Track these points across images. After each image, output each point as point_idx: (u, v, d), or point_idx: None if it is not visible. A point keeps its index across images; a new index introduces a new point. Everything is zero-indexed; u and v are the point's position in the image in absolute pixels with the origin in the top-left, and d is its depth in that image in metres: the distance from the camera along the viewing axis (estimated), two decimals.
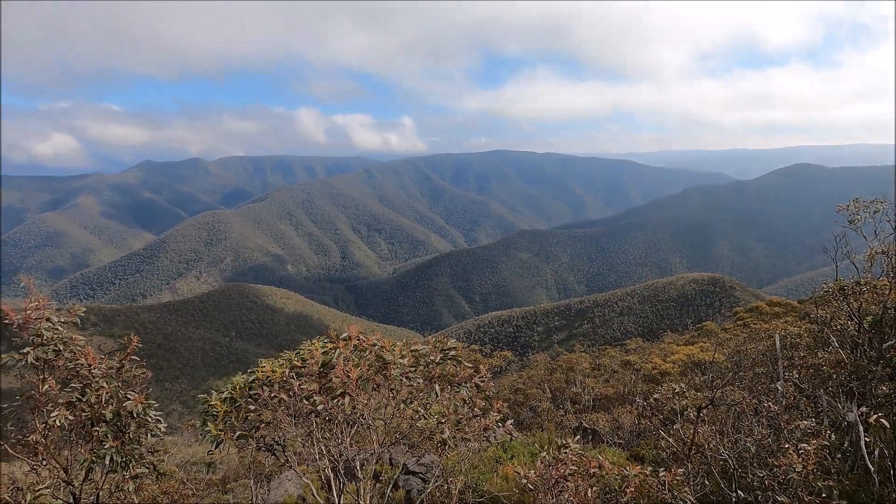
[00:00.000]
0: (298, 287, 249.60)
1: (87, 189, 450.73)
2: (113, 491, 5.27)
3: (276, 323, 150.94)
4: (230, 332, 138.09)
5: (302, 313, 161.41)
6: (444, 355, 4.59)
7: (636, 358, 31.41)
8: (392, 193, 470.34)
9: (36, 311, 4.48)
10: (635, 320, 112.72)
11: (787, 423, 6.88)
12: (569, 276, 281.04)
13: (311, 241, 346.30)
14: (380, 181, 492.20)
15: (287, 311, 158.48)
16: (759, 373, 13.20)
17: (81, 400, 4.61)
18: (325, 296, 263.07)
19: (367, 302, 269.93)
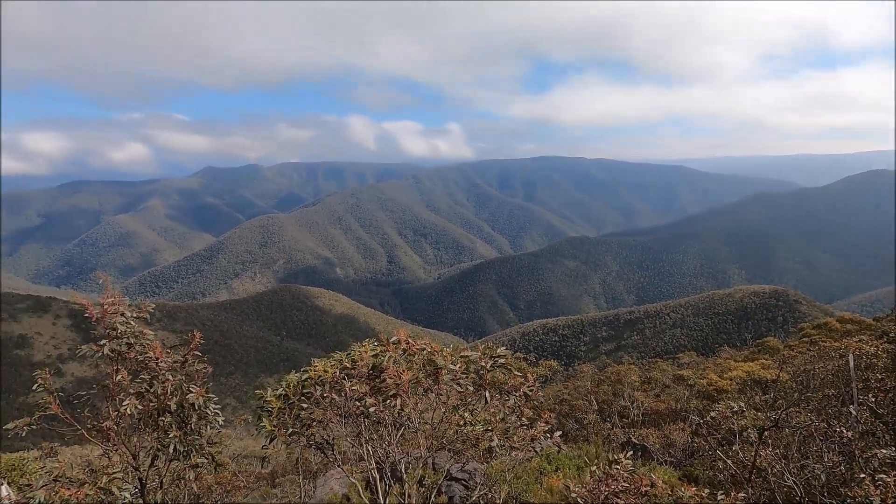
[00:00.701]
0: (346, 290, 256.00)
1: (155, 193, 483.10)
2: (175, 478, 5.58)
3: (324, 324, 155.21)
4: (281, 332, 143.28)
5: (349, 315, 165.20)
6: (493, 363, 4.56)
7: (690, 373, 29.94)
8: (439, 199, 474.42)
9: (112, 306, 4.83)
10: (689, 333, 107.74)
11: (862, 450, 6.33)
12: (618, 285, 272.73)
13: (360, 245, 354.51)
14: (427, 187, 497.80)
15: (335, 312, 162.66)
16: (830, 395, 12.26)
17: (149, 391, 4.92)
18: (372, 299, 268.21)
19: (412, 306, 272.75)
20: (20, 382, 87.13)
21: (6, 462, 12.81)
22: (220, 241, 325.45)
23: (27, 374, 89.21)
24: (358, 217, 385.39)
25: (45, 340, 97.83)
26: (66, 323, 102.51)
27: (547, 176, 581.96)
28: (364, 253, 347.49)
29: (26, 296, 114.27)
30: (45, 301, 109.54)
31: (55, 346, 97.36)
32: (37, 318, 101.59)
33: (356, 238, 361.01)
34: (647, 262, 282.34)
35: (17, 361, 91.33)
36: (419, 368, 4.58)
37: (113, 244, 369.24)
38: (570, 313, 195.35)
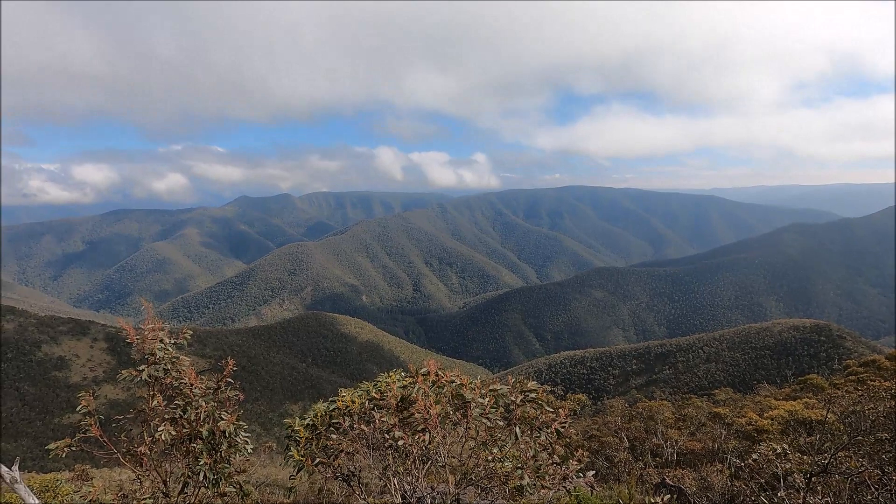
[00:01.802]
0: (372, 317, 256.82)
1: (191, 221, 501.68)
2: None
3: (349, 351, 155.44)
4: (307, 359, 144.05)
5: (374, 343, 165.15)
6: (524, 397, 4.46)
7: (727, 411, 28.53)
8: (464, 228, 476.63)
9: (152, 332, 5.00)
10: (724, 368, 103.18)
11: None
12: (648, 316, 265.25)
13: (386, 273, 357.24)
14: (453, 216, 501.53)
15: (360, 340, 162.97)
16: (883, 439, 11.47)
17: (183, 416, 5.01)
18: (397, 327, 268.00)
19: (437, 335, 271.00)
20: (57, 403, 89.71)
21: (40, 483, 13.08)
22: (251, 268, 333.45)
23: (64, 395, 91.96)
24: (384, 245, 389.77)
25: (83, 363, 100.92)
26: (102, 346, 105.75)
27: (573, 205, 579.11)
28: (390, 281, 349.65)
29: (67, 319, 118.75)
30: (84, 324, 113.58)
31: (91, 368, 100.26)
32: (76, 341, 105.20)
33: (382, 266, 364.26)
34: (677, 293, 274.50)
35: (55, 383, 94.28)
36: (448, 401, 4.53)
37: (150, 270, 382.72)
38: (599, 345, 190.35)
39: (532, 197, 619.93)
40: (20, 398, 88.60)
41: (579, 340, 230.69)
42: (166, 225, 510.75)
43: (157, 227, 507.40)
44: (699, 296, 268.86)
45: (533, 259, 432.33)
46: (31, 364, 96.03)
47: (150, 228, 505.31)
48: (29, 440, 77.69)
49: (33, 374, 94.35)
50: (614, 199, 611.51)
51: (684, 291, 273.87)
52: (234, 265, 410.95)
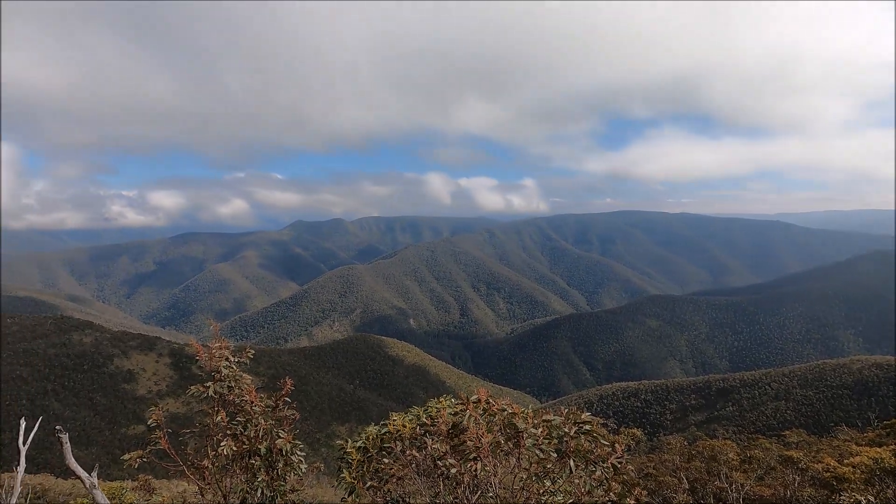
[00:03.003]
0: (418, 341, 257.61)
1: (251, 244, 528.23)
2: None
3: (396, 374, 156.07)
4: (354, 380, 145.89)
5: (420, 367, 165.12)
6: (578, 429, 4.34)
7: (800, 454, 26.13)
8: (512, 253, 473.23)
9: (219, 350, 5.31)
10: (795, 407, 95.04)
11: None
12: (707, 348, 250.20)
13: (433, 297, 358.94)
14: (500, 241, 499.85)
15: (406, 363, 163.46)
16: None
17: (243, 433, 5.24)
18: (443, 351, 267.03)
19: (484, 360, 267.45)
20: (124, 414, 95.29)
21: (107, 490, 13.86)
22: (304, 290, 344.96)
23: (131, 406, 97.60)
24: (432, 269, 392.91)
25: (149, 376, 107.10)
26: (166, 361, 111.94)
27: (626, 231, 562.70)
28: (437, 305, 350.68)
29: (137, 335, 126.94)
30: (151, 340, 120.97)
31: (156, 382, 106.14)
32: (143, 356, 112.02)
33: (430, 290, 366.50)
34: (740, 324, 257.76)
35: (123, 395, 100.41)
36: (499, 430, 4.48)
37: (212, 290, 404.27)
38: (653, 376, 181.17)
39: (582, 222, 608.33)
40: (92, 408, 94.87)
41: (632, 371, 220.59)
42: (228, 247, 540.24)
43: (219, 250, 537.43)
44: (765, 328, 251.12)
45: (583, 285, 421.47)
46: (103, 376, 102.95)
47: (213, 251, 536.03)
48: (98, 448, 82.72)
49: (105, 385, 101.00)
50: (669, 224, 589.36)
51: (748, 322, 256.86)
52: (288, 286, 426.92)
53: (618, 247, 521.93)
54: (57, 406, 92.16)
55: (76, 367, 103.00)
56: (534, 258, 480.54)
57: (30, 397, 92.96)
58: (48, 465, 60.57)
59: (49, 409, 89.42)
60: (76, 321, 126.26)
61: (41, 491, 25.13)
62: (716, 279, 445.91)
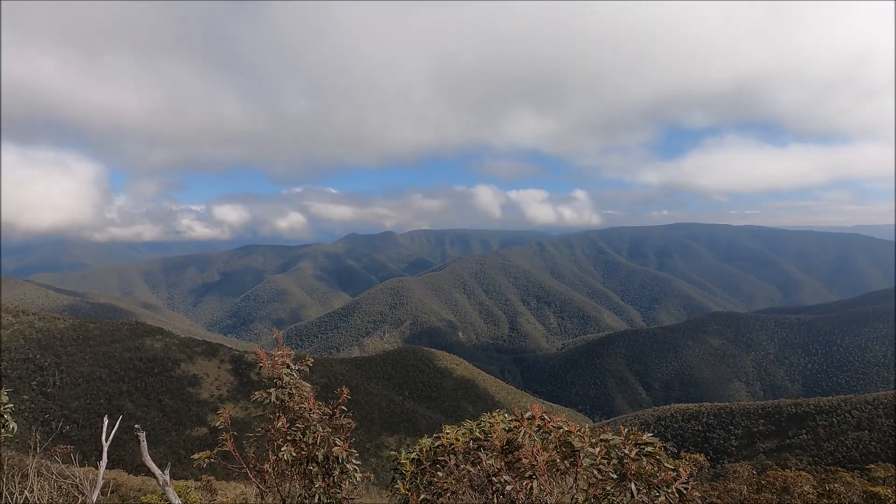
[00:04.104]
0: (467, 354, 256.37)
1: (306, 256, 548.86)
2: None
3: (444, 387, 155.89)
4: (403, 392, 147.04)
5: (468, 380, 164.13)
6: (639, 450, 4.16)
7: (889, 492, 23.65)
8: (563, 266, 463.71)
9: (281, 358, 5.55)
10: (881, 438, 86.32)
11: None
12: (777, 370, 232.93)
13: (482, 310, 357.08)
14: (551, 254, 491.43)
15: (455, 376, 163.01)
16: None
17: (302, 439, 5.43)
18: (492, 365, 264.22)
19: (533, 376, 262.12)
20: (189, 416, 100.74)
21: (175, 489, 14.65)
22: (355, 301, 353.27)
23: (194, 409, 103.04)
24: (481, 282, 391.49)
25: (211, 381, 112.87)
26: (227, 367, 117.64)
27: (684, 244, 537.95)
28: (486, 318, 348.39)
29: (201, 341, 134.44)
30: (214, 346, 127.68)
31: (217, 387, 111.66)
32: (207, 361, 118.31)
33: (479, 303, 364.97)
34: (815, 345, 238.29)
35: (188, 398, 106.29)
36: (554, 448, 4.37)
37: (270, 300, 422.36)
38: (716, 399, 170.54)
39: (637, 235, 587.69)
40: (161, 409, 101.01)
41: (692, 392, 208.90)
42: (285, 259, 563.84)
43: (277, 261, 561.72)
44: (844, 349, 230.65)
45: (638, 301, 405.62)
46: (171, 379, 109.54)
47: (272, 262, 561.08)
48: (164, 448, 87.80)
49: (172, 388, 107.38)
50: (733, 237, 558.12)
51: (824, 343, 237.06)
52: (341, 297, 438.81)
53: (675, 261, 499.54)
54: (130, 406, 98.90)
55: (147, 371, 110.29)
56: (586, 272, 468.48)
57: (107, 397, 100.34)
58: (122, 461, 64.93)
59: (123, 408, 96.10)
60: (148, 327, 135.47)
61: (115, 486, 26.96)
62: (786, 296, 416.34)
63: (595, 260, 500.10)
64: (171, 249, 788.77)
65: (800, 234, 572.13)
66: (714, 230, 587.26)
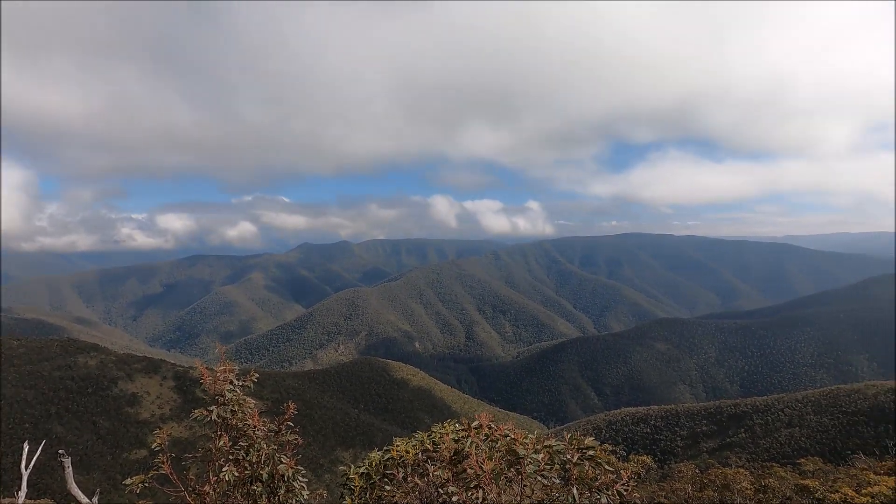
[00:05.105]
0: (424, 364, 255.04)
1: (257, 266, 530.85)
2: None
3: (401, 399, 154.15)
4: (359, 405, 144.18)
5: (425, 391, 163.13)
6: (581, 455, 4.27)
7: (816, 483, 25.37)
8: (518, 276, 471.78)
9: (224, 373, 5.32)
10: (810, 434, 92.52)
11: None
12: (717, 372, 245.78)
13: (439, 319, 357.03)
14: (506, 263, 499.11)
15: (411, 387, 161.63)
16: None
17: (245, 458, 5.21)
18: (449, 375, 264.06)
19: (490, 384, 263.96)
20: (127, 438, 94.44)
21: None
22: (309, 312, 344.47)
23: (133, 430, 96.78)
24: (438, 292, 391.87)
25: (152, 400, 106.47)
26: (170, 384, 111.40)
27: (633, 253, 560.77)
28: (442, 328, 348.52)
29: (142, 357, 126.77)
30: (156, 363, 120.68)
31: (159, 405, 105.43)
32: (148, 379, 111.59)
33: (435, 313, 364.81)
34: (751, 348, 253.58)
35: (126, 418, 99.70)
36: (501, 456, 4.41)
37: (217, 312, 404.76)
38: (663, 401, 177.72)
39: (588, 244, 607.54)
40: (95, 432, 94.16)
41: (641, 396, 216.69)
42: (235, 270, 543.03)
43: (226, 272, 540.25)
44: (777, 351, 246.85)
45: (590, 308, 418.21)
46: (107, 399, 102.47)
47: (220, 273, 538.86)
48: (99, 473, 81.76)
49: (108, 409, 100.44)
50: (677, 246, 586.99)
51: (759, 346, 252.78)
52: (294, 309, 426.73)
53: (625, 269, 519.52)
54: (60, 430, 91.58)
55: (80, 391, 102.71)
56: (540, 281, 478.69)
57: (33, 421, 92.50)
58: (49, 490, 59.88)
59: (52, 432, 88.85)
60: (82, 343, 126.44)
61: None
62: (725, 302, 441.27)
63: (549, 269, 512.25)
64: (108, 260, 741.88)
65: (736, 243, 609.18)
66: (660, 240, 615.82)
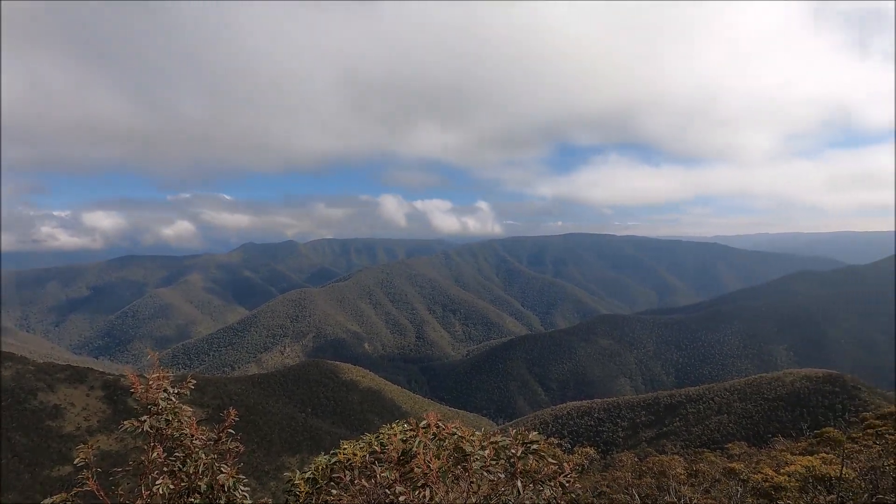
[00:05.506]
0: (374, 365, 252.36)
1: (196, 267, 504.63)
2: None
3: (350, 401, 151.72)
4: (306, 408, 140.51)
5: (375, 392, 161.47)
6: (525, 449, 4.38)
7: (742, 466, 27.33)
8: (468, 275, 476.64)
9: (156, 381, 5.01)
10: (737, 420, 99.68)
11: None
12: (655, 365, 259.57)
13: (389, 320, 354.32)
14: (456, 263, 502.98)
15: (361, 389, 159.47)
16: None
17: (182, 469, 4.94)
18: (399, 375, 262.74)
19: (440, 384, 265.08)
20: (48, 455, 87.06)
21: None
22: (253, 315, 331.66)
23: (56, 446, 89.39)
24: (388, 292, 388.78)
25: (78, 412, 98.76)
26: (99, 394, 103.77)
27: (577, 253, 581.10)
28: (393, 328, 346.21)
29: (65, 366, 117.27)
30: (82, 371, 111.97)
31: (86, 417, 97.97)
32: (72, 389, 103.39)
33: (385, 313, 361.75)
34: (685, 341, 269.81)
35: (48, 433, 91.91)
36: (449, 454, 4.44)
37: (152, 316, 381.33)
38: (606, 394, 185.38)
39: (536, 244, 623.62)
40: (11, 449, 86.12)
41: (586, 390, 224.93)
42: (171, 271, 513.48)
43: (162, 273, 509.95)
44: (707, 344, 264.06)
45: (537, 306, 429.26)
46: (25, 413, 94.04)
47: (155, 274, 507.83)
48: (16, 494, 74.87)
49: (27, 423, 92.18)
50: (618, 246, 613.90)
51: (692, 339, 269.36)
52: (237, 311, 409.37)
53: (570, 268, 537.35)
54: None
55: None
56: (489, 280, 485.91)
57: None
58: None
59: None
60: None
61: None
62: (661, 298, 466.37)
63: (498, 268, 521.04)
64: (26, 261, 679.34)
65: (671, 243, 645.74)
66: (602, 240, 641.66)
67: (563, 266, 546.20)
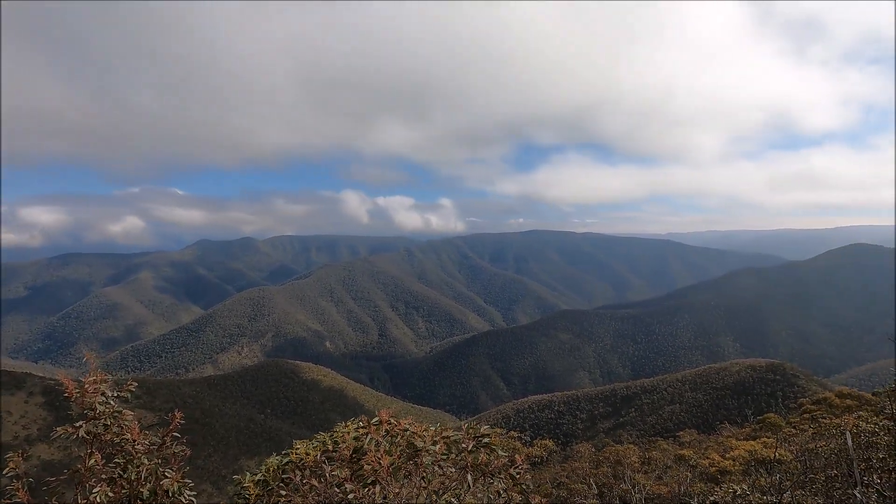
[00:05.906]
0: (336, 364, 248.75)
1: (147, 265, 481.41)
2: None
3: (311, 401, 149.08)
4: (266, 410, 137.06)
5: (337, 391, 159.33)
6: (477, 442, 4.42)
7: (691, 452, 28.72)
8: (431, 272, 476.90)
9: (94, 385, 4.74)
10: (688, 409, 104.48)
11: None
12: (612, 358, 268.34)
13: (351, 318, 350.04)
14: (419, 260, 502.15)
15: (322, 388, 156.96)
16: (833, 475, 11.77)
17: (122, 476, 4.70)
18: (362, 373, 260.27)
19: (403, 381, 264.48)
20: None
21: None
22: (208, 314, 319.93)
23: None
24: (350, 289, 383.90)
25: (15, 420, 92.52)
26: (38, 401, 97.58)
27: (538, 249, 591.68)
28: (355, 326, 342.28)
29: (1, 371, 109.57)
30: (19, 377, 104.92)
31: (24, 426, 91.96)
32: (9, 396, 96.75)
33: (347, 311, 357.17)
34: (640, 335, 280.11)
35: None
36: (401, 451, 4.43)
37: (98, 317, 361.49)
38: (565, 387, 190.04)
39: (497, 241, 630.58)
40: None
41: (546, 384, 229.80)
42: (119, 269, 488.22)
43: (109, 272, 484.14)
44: (660, 337, 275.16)
45: (499, 302, 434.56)
46: None
47: (101, 273, 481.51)
48: None
49: None
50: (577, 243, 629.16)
51: (646, 333, 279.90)
52: (190, 311, 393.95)
53: (531, 265, 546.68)
54: None
55: None
56: (452, 276, 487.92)
57: None
58: None
59: None
60: None
61: None
62: (618, 294, 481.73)
63: (460, 265, 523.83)
64: None
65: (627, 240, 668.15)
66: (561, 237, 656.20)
67: (524, 263, 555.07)
